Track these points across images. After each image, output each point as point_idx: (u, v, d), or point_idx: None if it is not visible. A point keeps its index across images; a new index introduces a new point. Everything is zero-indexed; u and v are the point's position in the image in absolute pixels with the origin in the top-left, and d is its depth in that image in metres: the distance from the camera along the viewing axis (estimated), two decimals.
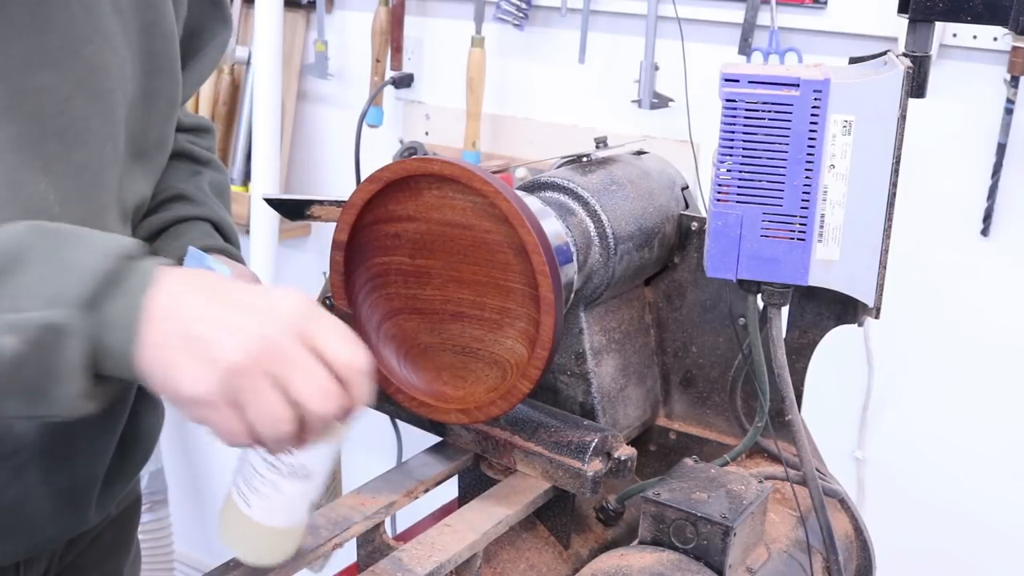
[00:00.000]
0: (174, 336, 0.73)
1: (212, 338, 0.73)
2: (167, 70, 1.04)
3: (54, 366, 0.72)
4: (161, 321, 0.73)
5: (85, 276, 0.73)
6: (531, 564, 1.08)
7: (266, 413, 0.73)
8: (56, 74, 0.92)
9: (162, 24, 1.02)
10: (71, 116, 0.93)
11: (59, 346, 0.72)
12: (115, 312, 0.74)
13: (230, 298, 0.75)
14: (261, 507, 0.84)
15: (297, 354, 0.74)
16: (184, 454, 3.05)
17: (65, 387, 0.73)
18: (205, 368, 0.72)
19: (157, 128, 1.05)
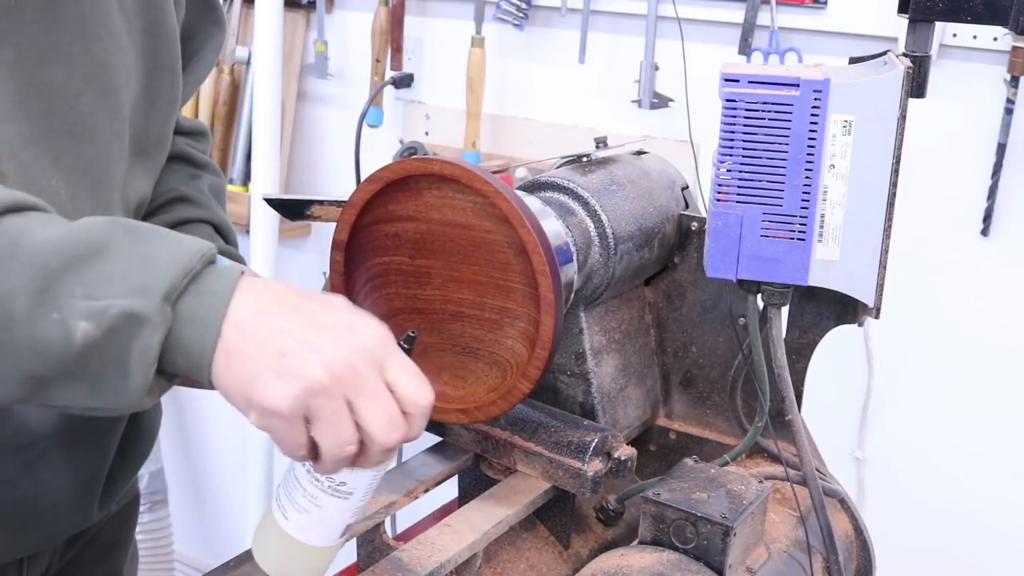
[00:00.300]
0: (254, 345, 0.73)
1: (294, 354, 0.73)
2: (168, 69, 1.05)
3: (125, 356, 0.72)
4: (242, 328, 0.73)
5: (167, 270, 0.73)
6: (531, 564, 1.08)
7: (334, 434, 0.74)
8: (66, 70, 0.93)
9: (164, 24, 1.03)
10: (80, 112, 0.94)
11: (136, 336, 0.72)
12: (196, 309, 0.73)
13: (312, 314, 0.76)
14: (297, 521, 0.84)
15: (373, 381, 0.75)
16: (184, 454, 3.06)
17: (131, 379, 0.72)
18: (285, 383, 0.73)
19: (158, 127, 1.06)
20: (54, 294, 0.71)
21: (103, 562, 1.23)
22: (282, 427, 0.74)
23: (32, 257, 0.72)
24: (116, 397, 0.74)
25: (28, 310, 0.71)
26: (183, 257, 0.74)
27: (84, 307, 0.71)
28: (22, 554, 1.07)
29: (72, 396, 0.74)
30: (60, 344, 0.71)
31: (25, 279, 0.71)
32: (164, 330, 0.72)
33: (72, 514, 1.09)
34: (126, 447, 1.15)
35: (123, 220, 0.76)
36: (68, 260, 0.72)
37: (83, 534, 1.16)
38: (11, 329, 0.71)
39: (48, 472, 1.04)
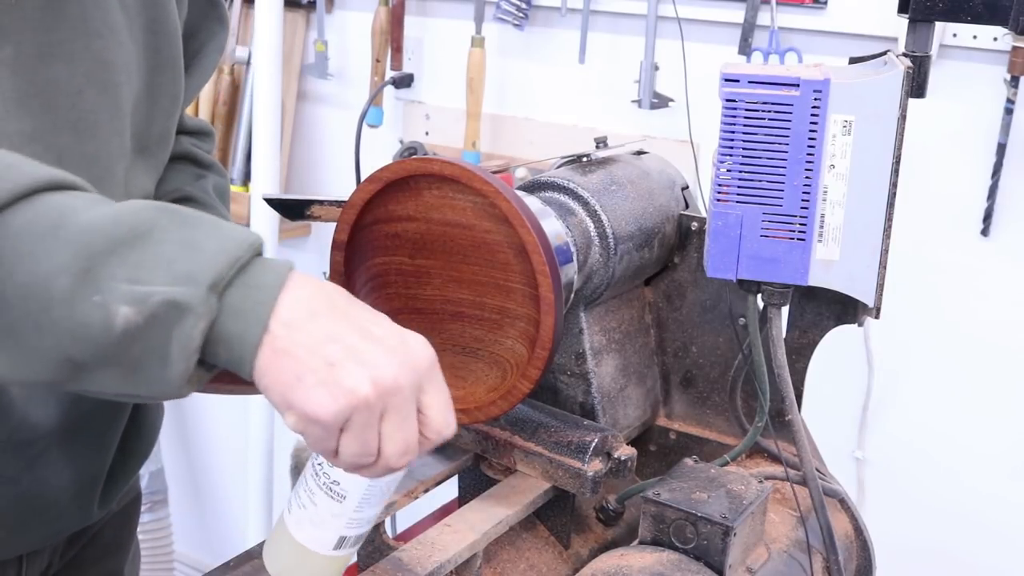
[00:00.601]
0: (304, 348, 0.72)
1: (344, 364, 0.72)
2: (170, 66, 1.05)
3: (166, 345, 0.70)
4: (292, 327, 0.72)
5: (214, 258, 0.71)
6: (531, 564, 1.08)
7: (359, 445, 0.74)
8: (68, 68, 0.93)
9: (165, 22, 1.04)
10: (82, 109, 0.94)
11: (178, 324, 0.70)
12: (242, 301, 0.72)
13: (364, 322, 0.75)
14: (296, 516, 0.84)
15: (409, 404, 0.75)
16: (184, 454, 3.06)
17: (171, 368, 0.70)
18: (331, 394, 0.71)
19: (160, 124, 1.06)
20: (96, 276, 0.69)
21: (104, 561, 1.23)
22: (318, 433, 0.73)
23: (76, 237, 0.70)
24: (154, 386, 0.72)
25: (69, 291, 0.69)
26: (231, 246, 0.72)
27: (127, 291, 0.69)
28: (22, 551, 1.07)
29: (109, 382, 0.72)
30: (100, 328, 0.69)
31: (68, 259, 0.69)
32: (208, 320, 0.70)
33: (72, 512, 1.09)
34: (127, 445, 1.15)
35: (171, 205, 0.74)
36: (112, 242, 0.70)
37: (84, 533, 1.16)
38: (50, 310, 0.69)
39: (49, 470, 1.04)
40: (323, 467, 0.82)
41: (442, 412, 0.77)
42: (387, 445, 0.74)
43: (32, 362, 0.71)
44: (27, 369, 0.71)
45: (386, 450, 0.74)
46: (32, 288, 0.69)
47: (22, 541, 1.06)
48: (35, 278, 0.69)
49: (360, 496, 0.82)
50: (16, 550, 1.06)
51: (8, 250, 0.69)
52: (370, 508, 0.84)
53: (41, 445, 1.02)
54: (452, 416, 0.78)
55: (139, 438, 1.18)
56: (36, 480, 1.03)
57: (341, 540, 0.84)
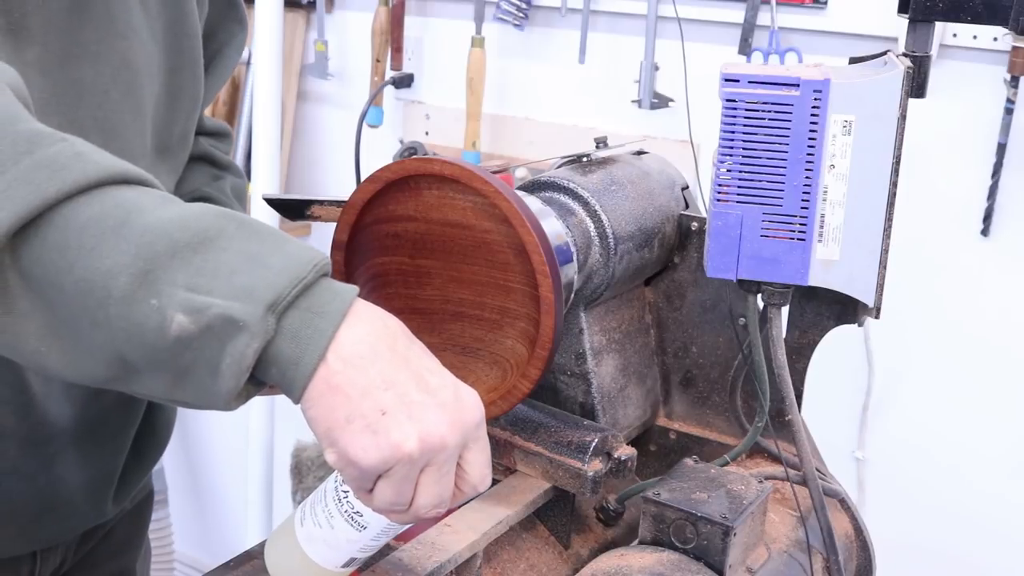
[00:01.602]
0: (359, 390, 0.71)
1: (395, 416, 0.71)
2: (190, 67, 1.06)
3: (218, 359, 0.69)
4: (348, 364, 0.71)
5: (277, 276, 0.70)
6: (531, 564, 1.08)
7: (395, 494, 0.73)
8: (94, 68, 0.93)
9: (185, 23, 1.04)
10: (108, 109, 0.94)
11: (231, 341, 0.68)
12: (301, 327, 0.70)
13: (421, 370, 0.74)
14: (309, 532, 0.84)
15: (451, 462, 0.74)
16: (184, 454, 3.06)
17: (221, 382, 0.69)
18: (376, 444, 0.70)
19: (180, 124, 1.07)
20: (155, 279, 0.68)
21: (116, 558, 1.24)
22: (355, 475, 0.72)
23: (140, 236, 0.68)
24: (202, 396, 0.71)
25: (127, 291, 0.68)
26: (295, 265, 0.70)
27: (184, 299, 0.68)
28: (36, 547, 1.08)
29: (158, 386, 0.71)
30: (154, 332, 0.68)
31: (129, 259, 0.68)
32: (263, 341, 0.69)
33: (87, 509, 1.10)
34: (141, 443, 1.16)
35: (238, 214, 0.73)
36: (176, 246, 0.69)
37: (97, 530, 1.17)
38: (108, 307, 0.68)
39: (64, 467, 1.04)
40: (349, 496, 0.81)
41: (481, 469, 0.76)
42: (421, 497, 0.74)
43: (85, 358, 0.70)
44: (80, 364, 0.71)
45: (419, 501, 0.74)
46: (92, 284, 0.68)
47: (37, 537, 1.07)
48: (95, 274, 0.68)
49: (379, 530, 0.82)
50: (31, 546, 1.07)
51: (72, 242, 0.68)
52: (385, 538, 0.84)
53: (58, 443, 1.03)
54: (490, 473, 0.77)
55: (153, 436, 1.18)
56: (52, 477, 1.04)
57: (350, 561, 0.84)
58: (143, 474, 1.19)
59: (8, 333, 0.69)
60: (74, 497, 1.07)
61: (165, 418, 1.22)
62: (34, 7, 0.88)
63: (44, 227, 0.68)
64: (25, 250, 0.68)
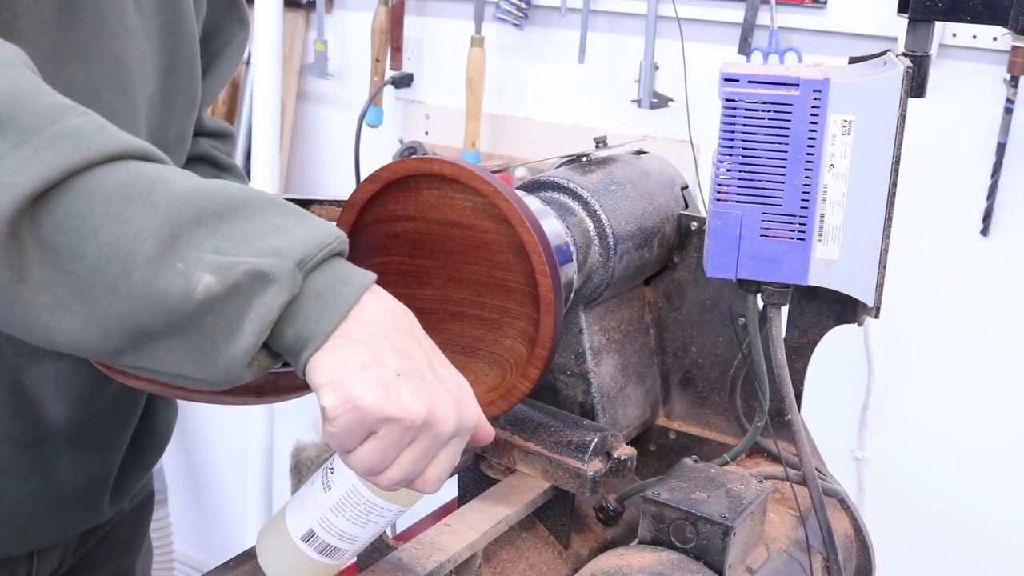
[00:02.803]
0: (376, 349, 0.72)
1: (408, 382, 0.72)
2: (187, 67, 1.06)
3: (241, 316, 0.69)
4: (368, 328, 0.72)
5: (304, 240, 0.71)
6: (531, 564, 1.08)
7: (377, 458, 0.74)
8: (85, 68, 0.93)
9: (182, 23, 1.04)
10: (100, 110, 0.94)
11: (259, 294, 0.69)
12: (326, 290, 0.71)
13: (433, 356, 0.76)
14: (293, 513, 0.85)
15: (437, 448, 0.75)
16: (184, 454, 3.06)
17: (240, 339, 0.70)
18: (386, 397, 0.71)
19: (177, 124, 1.06)
20: (182, 244, 0.69)
21: (116, 559, 1.24)
22: (349, 422, 0.72)
23: (167, 203, 0.69)
24: (215, 362, 0.71)
25: (154, 256, 0.68)
26: (319, 233, 0.72)
27: (211, 260, 0.69)
28: (32, 548, 1.08)
29: (168, 358, 0.71)
30: (179, 296, 0.68)
31: (157, 224, 0.68)
32: (290, 295, 0.70)
33: (83, 510, 1.10)
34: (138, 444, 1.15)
35: (260, 191, 0.75)
36: (203, 212, 0.70)
37: (96, 530, 1.17)
38: (131, 273, 0.68)
39: (60, 467, 1.04)
40: (334, 460, 0.83)
41: (443, 472, 0.77)
42: (395, 467, 0.74)
43: (97, 330, 0.70)
44: (90, 337, 0.70)
45: (392, 471, 0.75)
46: (116, 249, 0.68)
47: (33, 537, 1.06)
48: (121, 239, 0.68)
49: (341, 494, 0.82)
50: (27, 546, 1.07)
51: (98, 209, 0.68)
52: (345, 520, 0.83)
53: (52, 444, 1.02)
54: (444, 481, 0.78)
55: (151, 437, 1.18)
56: (47, 477, 1.03)
57: (309, 533, 0.83)
58: (141, 475, 1.19)
59: (20, 303, 0.69)
60: (70, 498, 1.07)
61: (164, 419, 1.21)
62: (24, 7, 0.88)
63: (67, 193, 0.68)
64: (46, 217, 0.68)
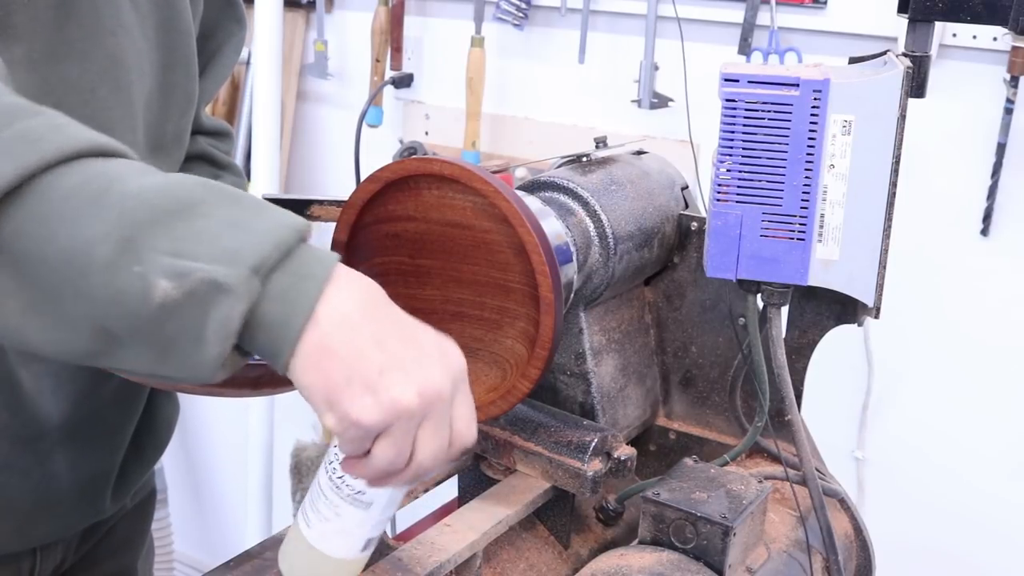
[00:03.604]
0: (352, 350, 0.71)
1: (392, 372, 0.72)
2: (184, 65, 1.06)
3: (202, 325, 0.68)
4: (337, 325, 0.71)
5: (261, 239, 0.70)
6: (531, 564, 1.08)
7: (395, 452, 0.73)
8: (80, 66, 0.93)
9: (178, 21, 1.04)
10: (96, 107, 0.94)
11: (216, 305, 0.68)
12: (288, 290, 0.70)
13: (407, 328, 0.75)
14: (320, 530, 0.83)
15: (446, 414, 0.75)
16: (184, 453, 3.06)
17: (206, 349, 0.69)
18: (378, 402, 0.71)
19: (174, 122, 1.07)
20: (138, 246, 0.68)
21: (118, 556, 1.24)
22: (357, 437, 0.72)
23: (121, 204, 0.68)
24: (187, 367, 0.70)
25: (110, 259, 0.68)
26: (278, 229, 0.71)
27: (167, 264, 0.68)
28: (33, 545, 1.08)
29: (141, 359, 0.71)
30: (137, 299, 0.68)
31: (110, 227, 0.68)
32: (248, 303, 0.69)
33: (84, 507, 1.10)
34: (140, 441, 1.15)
35: (217, 183, 0.74)
36: (157, 212, 0.69)
37: (98, 527, 1.17)
38: (89, 276, 0.68)
39: (59, 464, 1.04)
40: (344, 479, 0.81)
41: (468, 423, 0.77)
42: (420, 452, 0.74)
43: (67, 331, 0.70)
44: (62, 339, 0.70)
45: (419, 457, 0.74)
46: (73, 253, 0.68)
47: (34, 534, 1.07)
48: (77, 243, 0.68)
49: (385, 501, 0.82)
50: (28, 543, 1.07)
51: (54, 212, 0.68)
52: (392, 508, 0.84)
53: (51, 440, 1.02)
54: (475, 425, 0.78)
55: (152, 434, 1.18)
56: (46, 474, 1.04)
57: (367, 542, 0.84)
58: (143, 472, 1.19)
59: None
60: (70, 494, 1.07)
61: (166, 416, 1.21)
62: (19, 5, 0.88)
63: (26, 198, 0.67)
64: (5, 223, 0.67)
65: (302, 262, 0.71)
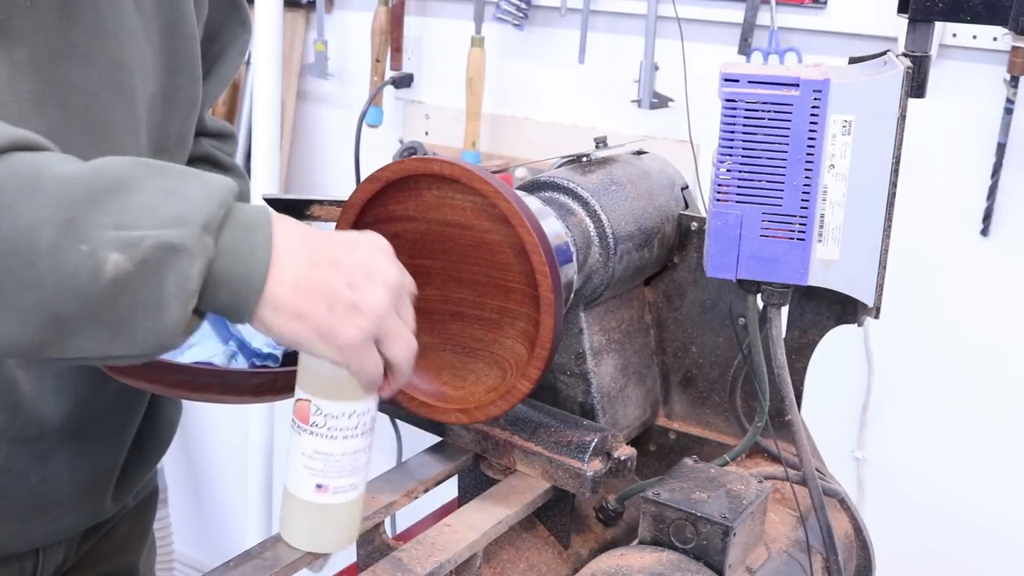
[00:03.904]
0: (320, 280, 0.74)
1: (359, 284, 0.76)
2: (187, 68, 1.06)
3: (159, 291, 0.69)
4: (298, 263, 0.74)
5: (201, 202, 0.71)
6: (531, 564, 1.08)
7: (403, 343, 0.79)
8: (83, 69, 0.93)
9: (183, 24, 1.04)
10: (98, 110, 0.94)
11: (171, 268, 0.69)
12: (240, 242, 0.72)
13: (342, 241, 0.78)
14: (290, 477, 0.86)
15: (407, 296, 0.80)
16: (184, 454, 3.06)
17: (167, 314, 0.70)
18: (364, 315, 0.75)
19: (177, 125, 1.07)
20: (80, 225, 0.68)
21: (120, 555, 1.24)
22: (362, 353, 0.76)
23: (55, 188, 0.69)
24: (143, 341, 0.71)
25: (54, 242, 0.68)
26: (214, 190, 0.73)
27: (114, 238, 0.68)
28: (35, 545, 1.08)
29: (94, 342, 0.71)
30: (88, 278, 0.68)
31: (50, 210, 0.68)
32: (205, 260, 0.70)
33: (85, 507, 1.10)
34: (142, 441, 1.15)
35: (145, 159, 0.75)
36: (94, 191, 0.69)
37: (100, 527, 1.17)
38: (36, 263, 0.68)
39: (59, 465, 1.04)
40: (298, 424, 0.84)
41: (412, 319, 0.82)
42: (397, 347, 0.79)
43: (14, 323, 0.69)
44: (9, 331, 0.70)
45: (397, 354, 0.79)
46: (16, 242, 0.68)
47: (35, 535, 1.07)
48: (18, 231, 0.68)
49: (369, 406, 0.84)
50: (30, 544, 1.07)
51: None
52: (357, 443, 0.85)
53: (50, 441, 1.02)
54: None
55: (154, 435, 1.18)
56: (46, 475, 1.03)
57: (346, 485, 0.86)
58: (144, 473, 1.19)
59: None
60: (70, 495, 1.07)
61: (168, 417, 1.21)
62: (21, 9, 0.88)
63: None
64: None
65: (243, 215, 0.74)
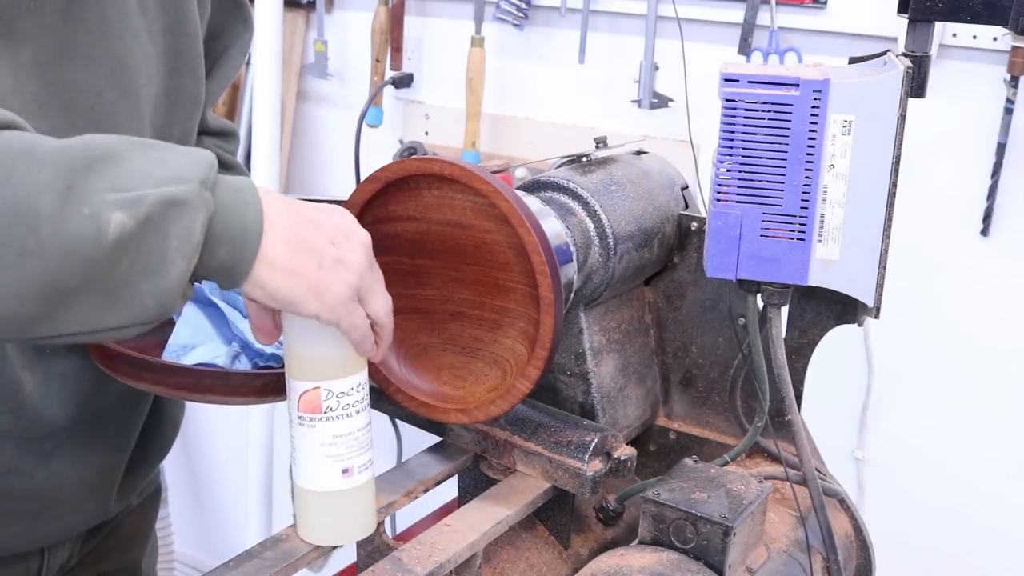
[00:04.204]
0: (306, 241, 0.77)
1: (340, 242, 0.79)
2: (191, 68, 1.06)
3: (163, 247, 0.71)
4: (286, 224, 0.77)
5: (194, 166, 0.74)
6: (531, 564, 1.08)
7: (383, 299, 0.83)
8: (87, 70, 0.94)
9: (186, 24, 1.04)
10: (103, 111, 0.95)
11: (175, 222, 0.70)
12: (232, 201, 0.75)
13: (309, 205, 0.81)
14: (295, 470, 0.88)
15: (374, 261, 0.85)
16: (184, 454, 3.06)
17: (171, 270, 0.71)
18: (349, 270, 0.79)
19: (181, 125, 1.07)
20: (80, 190, 0.69)
21: (123, 553, 1.24)
22: (351, 309, 0.80)
23: (52, 158, 0.70)
24: (143, 305, 0.72)
25: (56, 207, 0.68)
26: (201, 156, 0.75)
27: (115, 199, 0.69)
28: (40, 544, 1.08)
29: (89, 314, 0.71)
30: (91, 241, 0.68)
31: (49, 177, 0.69)
32: (207, 214, 0.72)
33: (89, 507, 1.10)
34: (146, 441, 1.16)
35: (129, 136, 0.76)
36: (88, 160, 0.71)
37: (103, 526, 1.18)
38: (38, 230, 0.68)
39: (63, 464, 1.04)
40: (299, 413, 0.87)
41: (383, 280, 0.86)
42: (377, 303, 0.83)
43: (12, 294, 0.69)
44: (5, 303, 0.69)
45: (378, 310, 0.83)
46: (17, 211, 0.68)
47: (40, 534, 1.07)
48: (18, 200, 0.68)
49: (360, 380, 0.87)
50: (35, 543, 1.07)
51: None
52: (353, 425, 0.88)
53: (55, 440, 1.02)
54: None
55: (158, 433, 1.18)
56: (51, 475, 1.04)
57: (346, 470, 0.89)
58: (148, 471, 1.20)
59: None
60: (75, 494, 1.07)
61: (172, 417, 1.22)
62: (26, 10, 0.88)
63: None
64: None
65: (230, 181, 0.76)
